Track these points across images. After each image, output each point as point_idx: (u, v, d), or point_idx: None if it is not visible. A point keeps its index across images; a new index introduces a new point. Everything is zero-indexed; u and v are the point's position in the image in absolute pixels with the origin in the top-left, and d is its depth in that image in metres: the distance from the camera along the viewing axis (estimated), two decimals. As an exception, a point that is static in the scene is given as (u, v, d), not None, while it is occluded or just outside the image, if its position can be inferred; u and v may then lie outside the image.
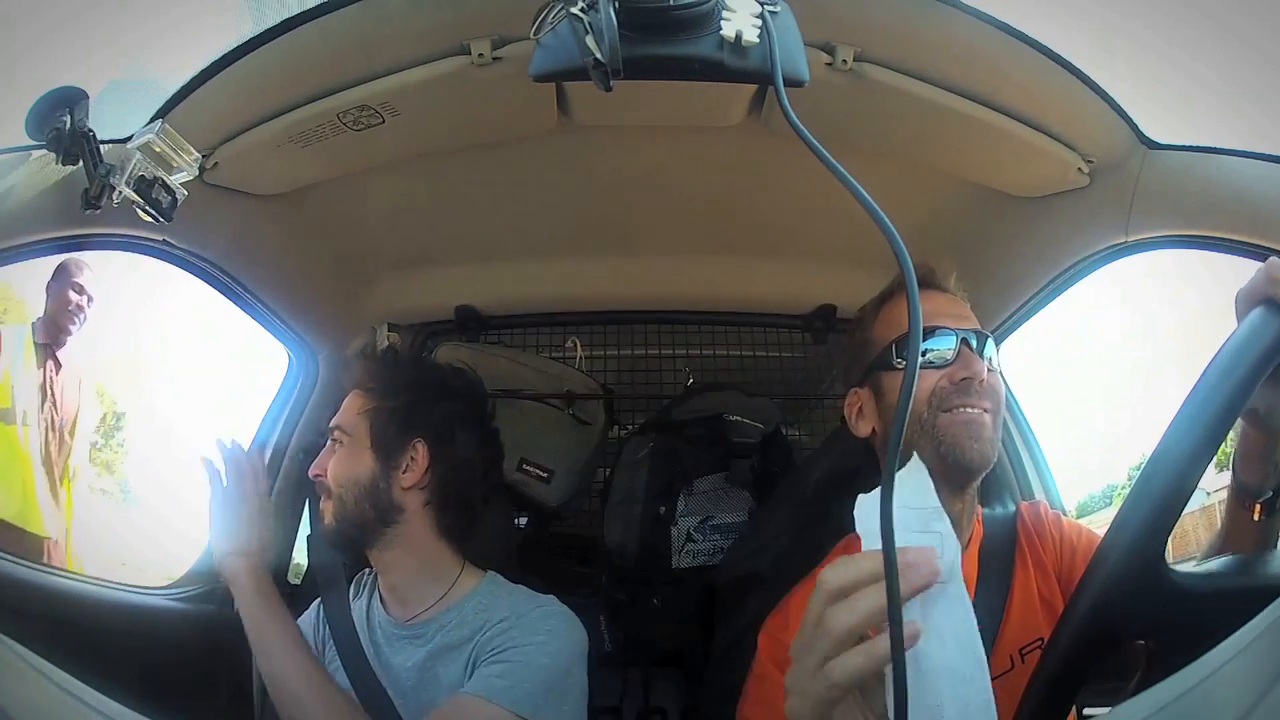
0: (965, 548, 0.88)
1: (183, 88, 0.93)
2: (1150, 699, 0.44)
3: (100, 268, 2.20)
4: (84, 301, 2.17)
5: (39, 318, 2.17)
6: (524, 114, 1.06)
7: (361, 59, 0.94)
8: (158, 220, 0.85)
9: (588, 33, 0.54)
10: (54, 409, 2.16)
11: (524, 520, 1.50)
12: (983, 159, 1.12)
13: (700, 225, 1.43)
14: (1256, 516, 0.69)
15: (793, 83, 0.58)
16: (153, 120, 0.87)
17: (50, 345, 2.17)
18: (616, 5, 0.54)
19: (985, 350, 0.88)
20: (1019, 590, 0.89)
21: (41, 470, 2.10)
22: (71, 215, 0.85)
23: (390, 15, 0.89)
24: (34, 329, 2.16)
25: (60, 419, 2.18)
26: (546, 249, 1.49)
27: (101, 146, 0.81)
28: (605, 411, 1.59)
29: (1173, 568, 0.55)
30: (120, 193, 0.81)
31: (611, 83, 0.55)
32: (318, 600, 1.08)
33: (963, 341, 0.87)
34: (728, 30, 0.57)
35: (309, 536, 1.30)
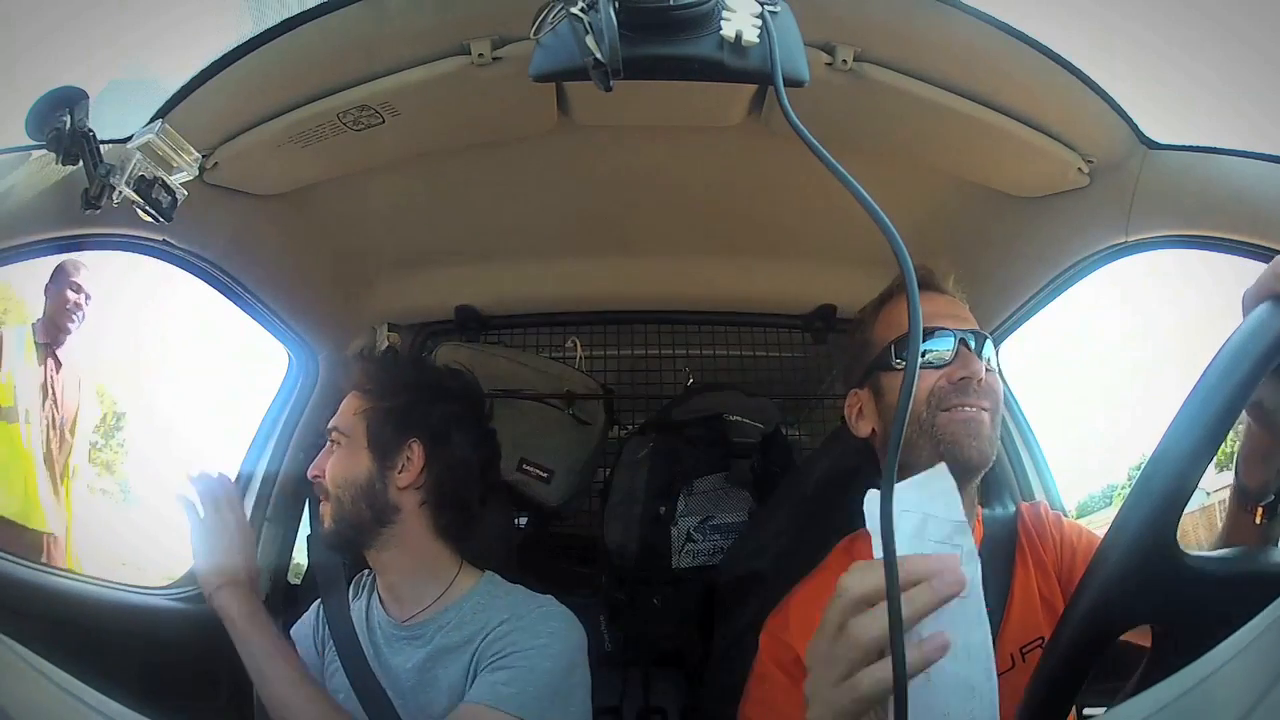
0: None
1: (183, 88, 0.93)
2: (1150, 699, 0.44)
3: (100, 268, 2.20)
4: (82, 300, 2.18)
5: (39, 318, 2.18)
6: (524, 114, 1.06)
7: (361, 59, 0.94)
8: (158, 220, 0.85)
9: (588, 33, 0.54)
10: (55, 407, 2.17)
11: (524, 520, 1.50)
12: (983, 159, 1.12)
13: (700, 225, 1.43)
14: (1258, 520, 0.69)
15: (793, 83, 0.58)
16: (153, 120, 0.87)
17: (50, 345, 2.18)
18: (616, 5, 0.54)
19: (984, 351, 0.88)
20: (1019, 589, 0.90)
21: (43, 468, 2.11)
22: (71, 215, 0.85)
23: (390, 15, 0.89)
24: (34, 329, 2.17)
25: (61, 417, 2.19)
26: (546, 249, 1.49)
27: (101, 146, 0.81)
28: (605, 411, 1.59)
29: (1185, 551, 0.55)
30: (120, 193, 0.81)
31: (611, 83, 0.55)
32: (318, 601, 1.08)
33: (961, 342, 0.87)
34: (728, 30, 0.57)
35: (309, 537, 1.31)
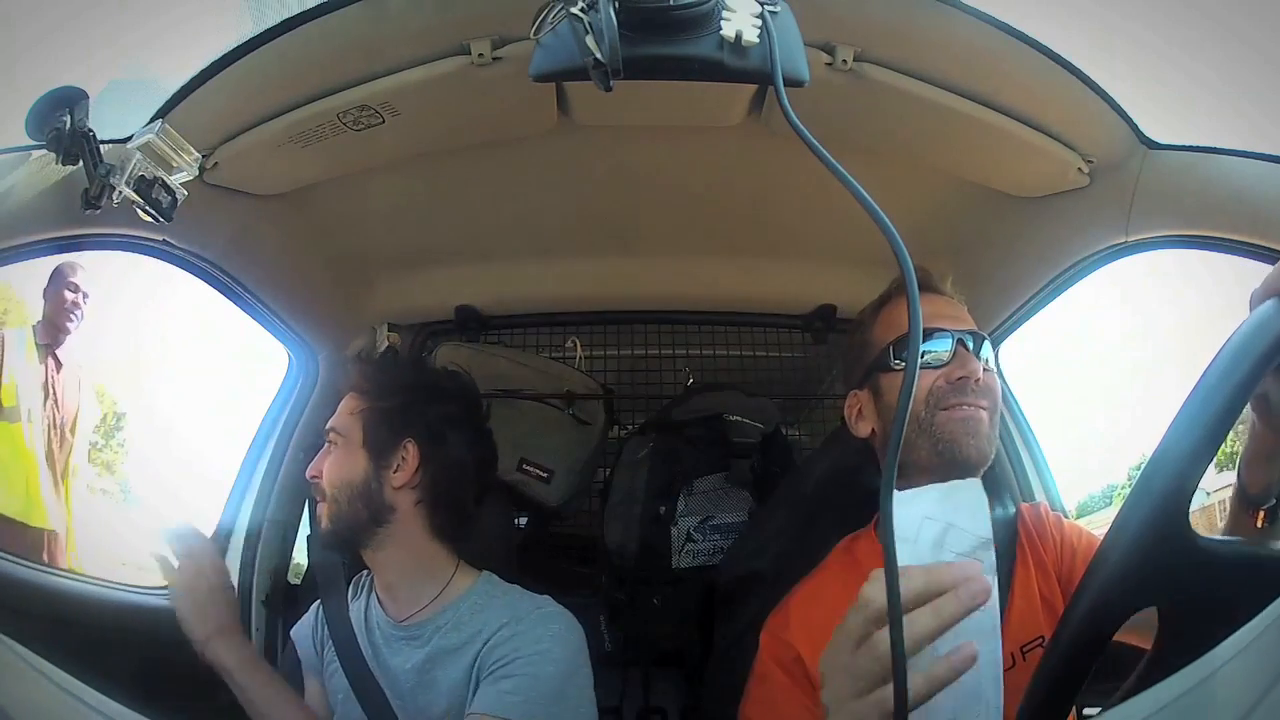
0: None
1: (183, 88, 0.93)
2: (1150, 699, 0.44)
3: (100, 268, 2.21)
4: (80, 299, 2.19)
5: (39, 320, 2.20)
6: (524, 114, 1.06)
7: (361, 59, 0.95)
8: (158, 220, 0.85)
9: (588, 33, 0.54)
10: (56, 408, 2.18)
11: (524, 520, 1.50)
12: (983, 159, 1.12)
13: (700, 225, 1.43)
14: (1259, 524, 0.69)
15: (793, 83, 0.58)
16: (153, 120, 0.87)
17: (50, 345, 2.20)
18: (616, 5, 0.54)
19: (982, 351, 0.89)
20: (1020, 589, 0.89)
21: (45, 467, 2.12)
22: (71, 215, 0.85)
23: (390, 15, 0.89)
24: (35, 331, 2.19)
25: (61, 417, 2.20)
26: (546, 249, 1.49)
27: (101, 146, 0.81)
28: (605, 411, 1.60)
29: (1198, 533, 0.54)
30: (120, 193, 0.81)
31: (611, 83, 0.55)
32: (317, 601, 1.08)
33: (959, 342, 0.88)
34: (728, 30, 0.57)
35: (309, 537, 1.31)
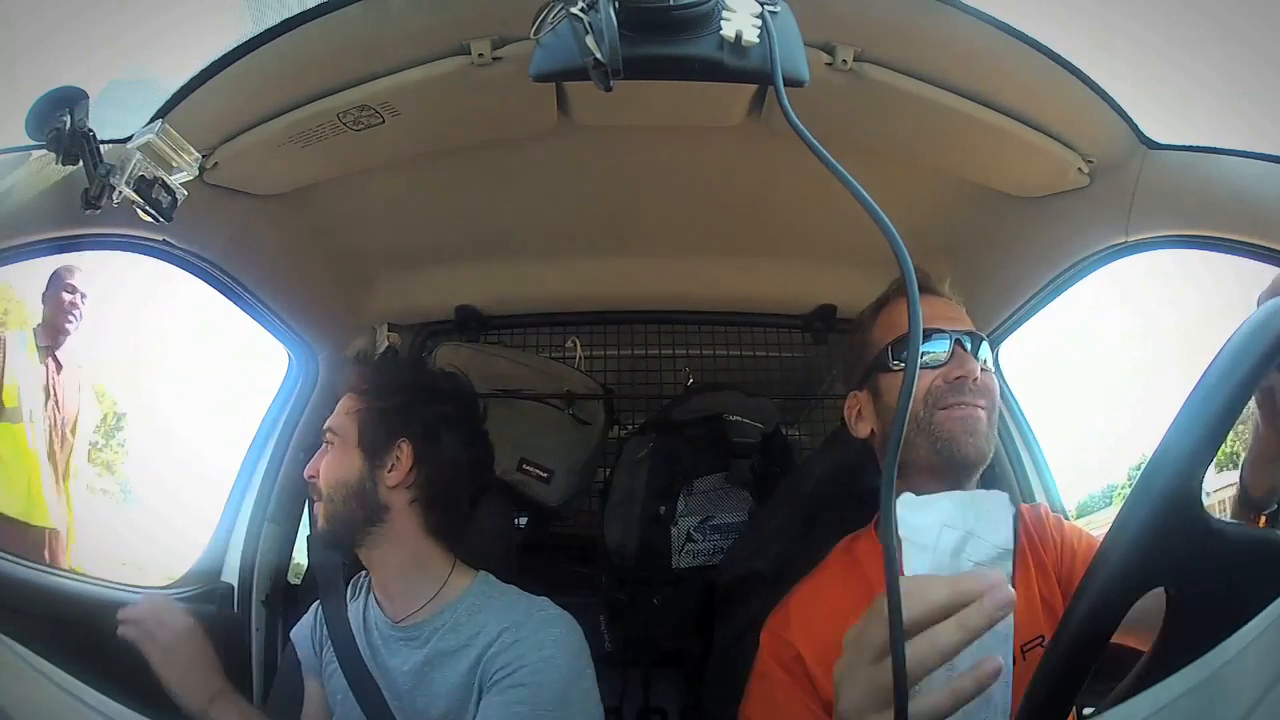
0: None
1: (183, 88, 0.93)
2: (1150, 699, 0.44)
3: (99, 268, 2.22)
4: (78, 299, 2.21)
5: (39, 324, 2.22)
6: (524, 114, 1.06)
7: (361, 59, 0.94)
8: (158, 220, 0.85)
9: (588, 33, 0.54)
10: (56, 408, 2.19)
11: (524, 520, 1.50)
12: (983, 159, 1.12)
13: (700, 225, 1.43)
14: (1262, 528, 0.69)
15: (793, 83, 0.58)
16: (153, 120, 0.87)
17: (51, 347, 2.22)
18: (616, 5, 0.54)
19: (980, 351, 0.90)
20: (1020, 589, 0.88)
21: (47, 467, 2.14)
22: (71, 215, 0.85)
23: (390, 15, 0.89)
24: (35, 334, 2.21)
25: (62, 418, 2.22)
26: (546, 249, 1.49)
27: (101, 146, 0.81)
28: (605, 411, 1.60)
29: (1211, 514, 0.53)
30: (120, 193, 0.81)
31: (611, 83, 0.55)
32: (316, 602, 1.08)
33: (956, 342, 0.89)
34: (728, 30, 0.57)
35: (308, 537, 1.31)
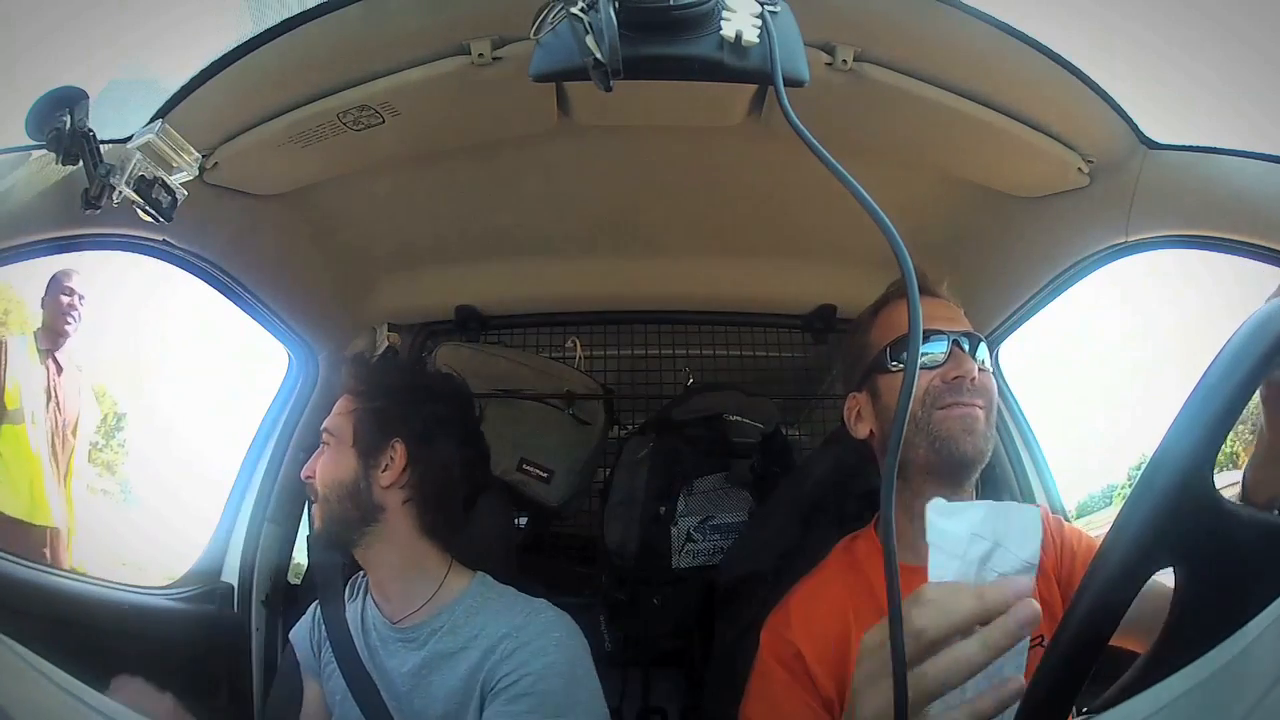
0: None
1: (183, 88, 0.93)
2: (1150, 699, 0.44)
3: (99, 268, 2.23)
4: (75, 301, 2.24)
5: (39, 328, 2.23)
6: (524, 114, 1.06)
7: (361, 59, 0.94)
8: (158, 220, 0.85)
9: (588, 33, 0.54)
10: (58, 410, 2.21)
11: (524, 520, 1.50)
12: (983, 159, 1.12)
13: (700, 225, 1.43)
14: None
15: (793, 83, 0.58)
16: (153, 120, 0.87)
17: (51, 350, 2.24)
18: (616, 5, 0.54)
19: (977, 352, 0.90)
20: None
21: (50, 467, 2.16)
22: (71, 215, 0.85)
23: (390, 15, 0.89)
24: (36, 337, 2.23)
25: (63, 419, 2.23)
26: (546, 249, 1.49)
27: (101, 146, 0.81)
28: (605, 411, 1.59)
29: (1223, 497, 0.51)
30: (120, 193, 0.81)
31: (611, 83, 0.55)
32: (315, 603, 1.09)
33: (954, 343, 0.89)
34: (728, 30, 0.57)
35: (308, 537, 1.31)
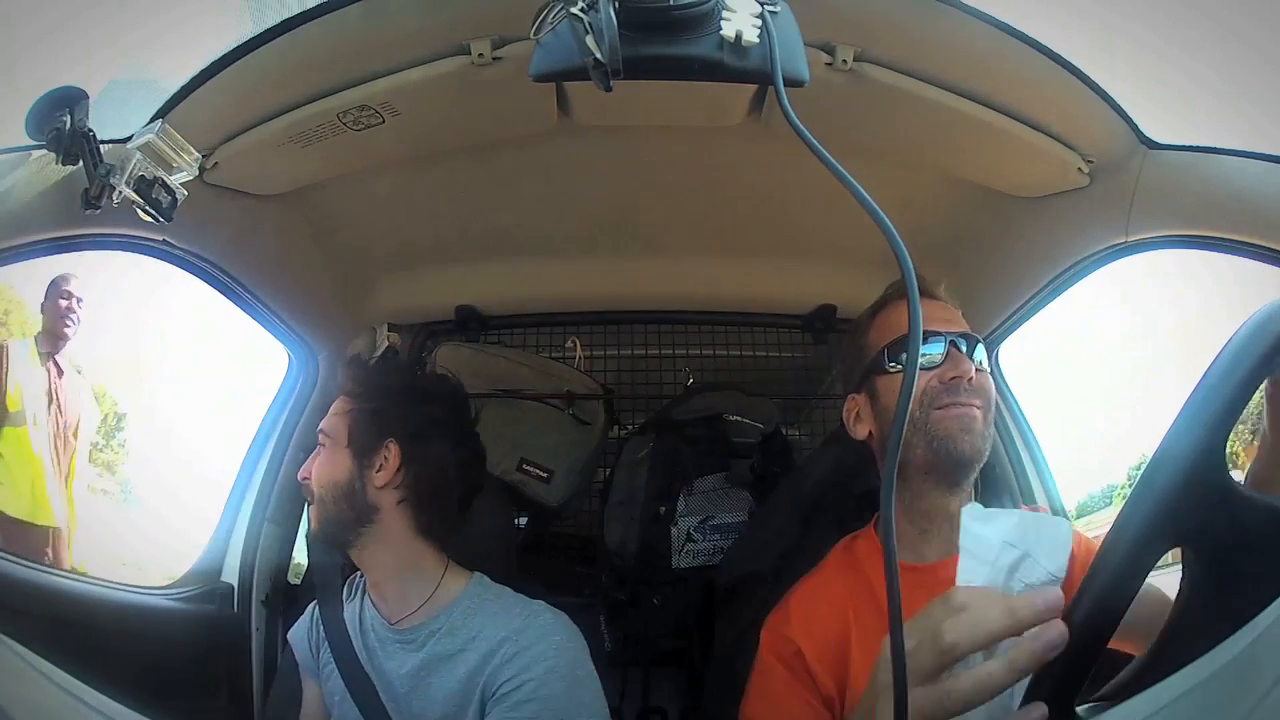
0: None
1: (183, 88, 0.93)
2: (1150, 699, 0.44)
3: (98, 268, 2.24)
4: (74, 304, 2.25)
5: (39, 333, 2.25)
6: (524, 114, 1.06)
7: (361, 59, 0.94)
8: (158, 220, 0.85)
9: (588, 33, 0.54)
10: (59, 412, 2.22)
11: (524, 520, 1.50)
12: (983, 159, 1.12)
13: (700, 225, 1.43)
14: None
15: (793, 83, 0.58)
16: (153, 120, 0.87)
17: (51, 353, 2.25)
18: (616, 5, 0.54)
19: (974, 353, 0.91)
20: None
21: (51, 469, 2.17)
22: (71, 215, 0.85)
23: (390, 15, 0.89)
24: (36, 340, 2.24)
25: (64, 421, 2.25)
26: (547, 249, 1.49)
27: (101, 146, 0.81)
28: (605, 411, 1.60)
29: (1234, 480, 0.50)
30: (120, 193, 0.81)
31: (611, 83, 0.55)
32: (313, 603, 1.09)
33: (951, 344, 0.90)
34: (728, 30, 0.57)
35: (308, 537, 1.31)
